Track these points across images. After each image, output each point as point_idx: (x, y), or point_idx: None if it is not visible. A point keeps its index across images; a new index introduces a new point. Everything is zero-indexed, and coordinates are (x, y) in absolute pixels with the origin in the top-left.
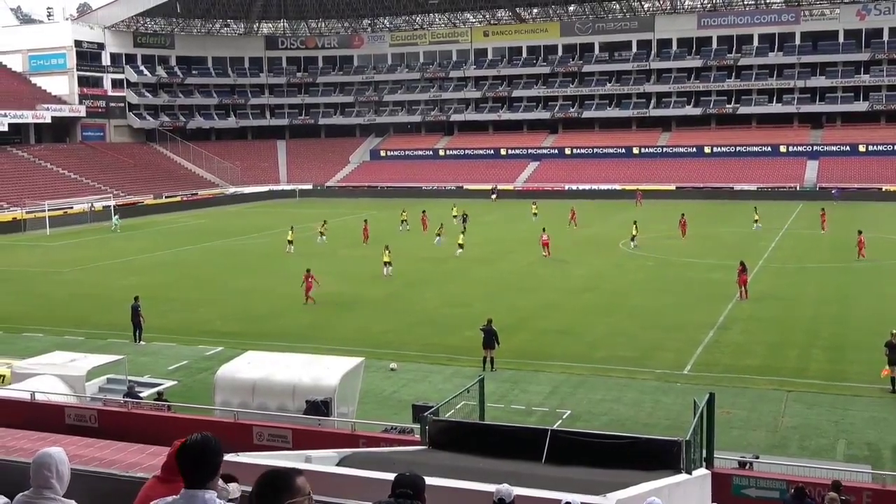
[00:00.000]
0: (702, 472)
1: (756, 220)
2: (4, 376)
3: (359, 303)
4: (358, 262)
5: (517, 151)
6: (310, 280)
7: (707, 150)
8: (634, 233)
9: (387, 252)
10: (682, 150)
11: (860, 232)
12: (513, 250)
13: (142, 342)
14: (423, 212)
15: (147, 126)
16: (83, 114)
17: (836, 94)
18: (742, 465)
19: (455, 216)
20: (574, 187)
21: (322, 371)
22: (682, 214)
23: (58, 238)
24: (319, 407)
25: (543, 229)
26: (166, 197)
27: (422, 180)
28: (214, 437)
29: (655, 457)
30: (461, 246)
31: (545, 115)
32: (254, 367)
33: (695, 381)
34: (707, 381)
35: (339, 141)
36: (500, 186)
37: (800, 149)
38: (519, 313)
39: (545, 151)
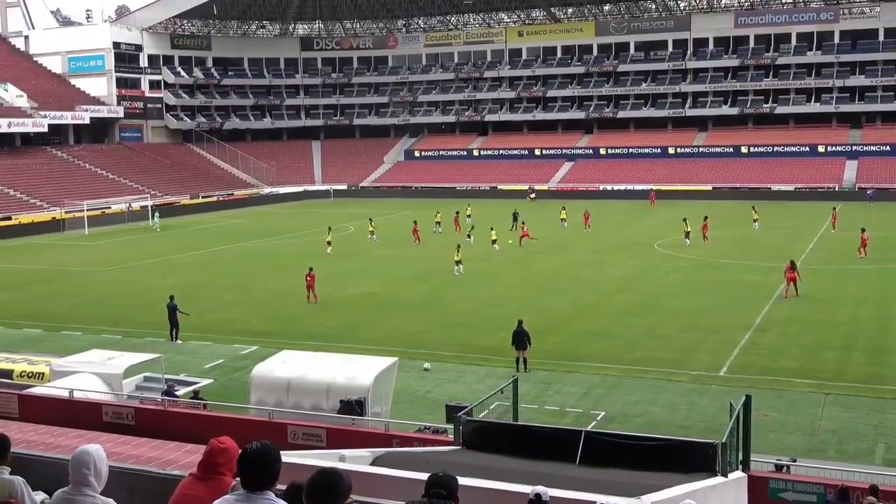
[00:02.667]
0: (738, 475)
1: (755, 220)
2: (44, 374)
3: (395, 303)
4: (396, 262)
5: (552, 151)
6: (309, 279)
7: (744, 150)
8: (687, 229)
9: (458, 251)
10: (718, 150)
11: (863, 230)
12: (548, 251)
13: (178, 341)
14: (457, 213)
15: (184, 127)
16: (121, 115)
17: (876, 94)
18: (779, 468)
19: (469, 215)
20: (609, 187)
21: (356, 370)
22: (706, 217)
23: (96, 238)
24: (353, 406)
25: (523, 223)
26: (203, 197)
27: (456, 181)
28: (273, 444)
29: (691, 459)
30: (493, 241)
31: (580, 114)
32: (288, 366)
33: (731, 384)
34: (743, 384)
35: (373, 141)
36: (535, 186)
37: (838, 149)
38: (554, 314)
39: (580, 151)
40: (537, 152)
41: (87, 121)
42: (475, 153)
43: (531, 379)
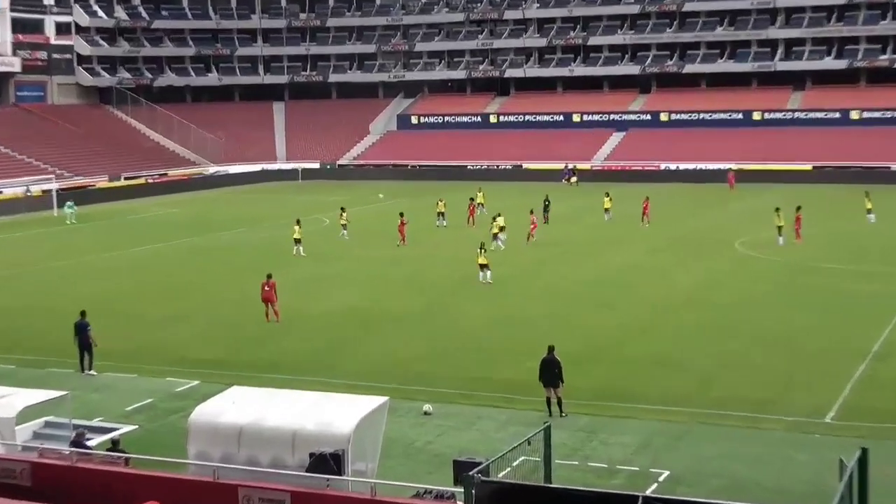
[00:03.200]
0: None
1: (869, 210)
2: None
3: (383, 320)
4: (384, 266)
5: (595, 118)
6: (268, 289)
7: (854, 115)
8: (780, 223)
9: (482, 253)
10: (819, 115)
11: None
12: (591, 251)
13: (92, 371)
14: (472, 200)
15: (101, 84)
16: (17, 68)
17: None
18: None
19: (481, 203)
20: (672, 166)
21: (332, 414)
22: (798, 208)
23: None
24: (328, 462)
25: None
26: (126, 179)
27: (466, 157)
28: None
29: None
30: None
31: (633, 69)
32: (241, 407)
33: (841, 432)
34: (858, 432)
35: (355, 104)
36: (570, 165)
37: None
38: (598, 337)
39: (633, 118)
40: (576, 118)
41: None
42: (492, 119)
43: (569, 426)
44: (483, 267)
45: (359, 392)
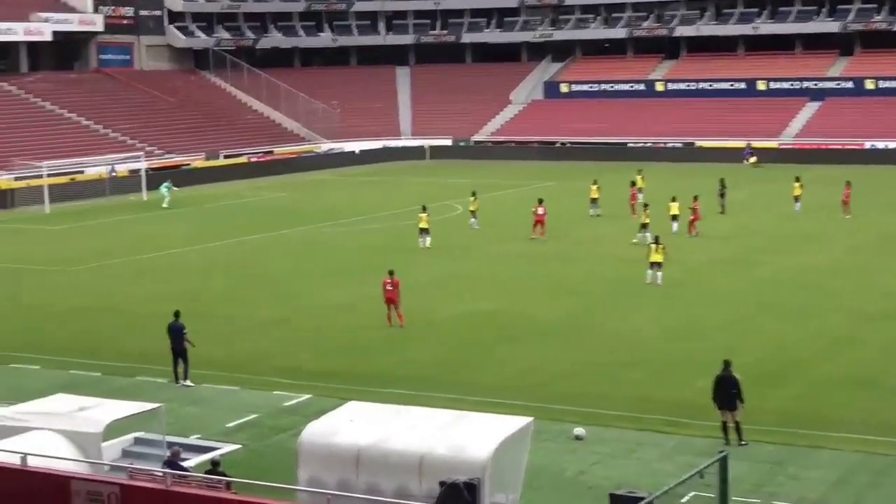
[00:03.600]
0: None
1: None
2: None
3: (525, 328)
4: (526, 263)
5: (784, 85)
6: (391, 287)
7: None
8: None
9: (657, 248)
10: None
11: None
12: (778, 247)
13: (188, 382)
14: (633, 183)
15: (196, 46)
16: (99, 27)
17: None
18: None
19: (640, 189)
20: (879, 145)
21: (466, 436)
22: None
23: (61, 218)
24: (461, 492)
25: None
26: (225, 157)
27: (626, 132)
28: None
29: None
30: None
31: (831, 25)
32: (359, 426)
33: None
34: None
35: (494, 69)
36: (753, 143)
37: None
38: (787, 351)
39: (832, 85)
40: (760, 86)
41: (49, 37)
42: (658, 87)
43: (750, 456)
44: (655, 265)
45: (497, 411)
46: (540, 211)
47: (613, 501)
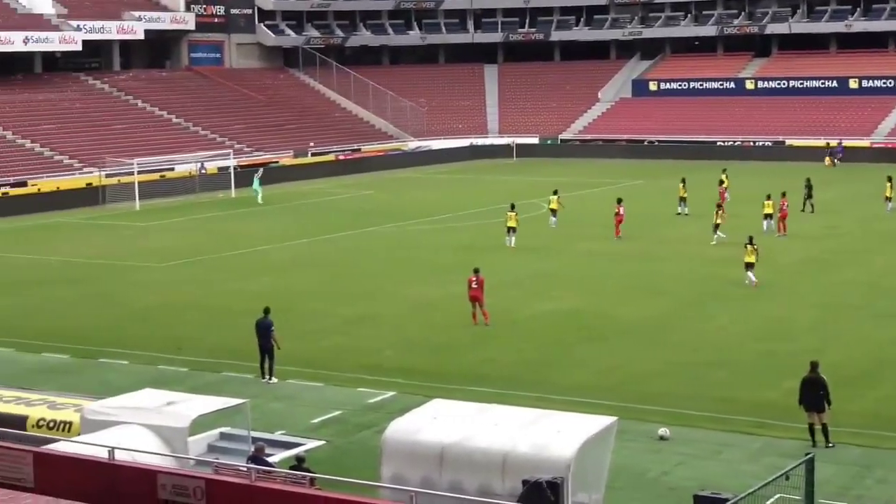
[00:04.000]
0: None
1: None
2: (71, 423)
3: (610, 328)
4: (613, 262)
5: (878, 83)
6: (476, 286)
7: None
8: None
9: (751, 249)
10: None
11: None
12: (869, 248)
13: (272, 379)
14: (721, 183)
15: (286, 44)
16: (191, 26)
17: None
18: None
19: (726, 188)
20: None
21: (549, 435)
22: None
23: (151, 215)
24: (544, 491)
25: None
26: (313, 154)
27: (716, 131)
28: None
29: None
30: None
31: None
32: (442, 424)
33: None
34: None
35: (582, 66)
36: (845, 142)
37: None
38: (878, 352)
39: None
40: (853, 84)
41: (141, 35)
42: (748, 85)
43: (837, 458)
44: (750, 266)
45: (580, 410)
46: (620, 211)
47: (697, 503)
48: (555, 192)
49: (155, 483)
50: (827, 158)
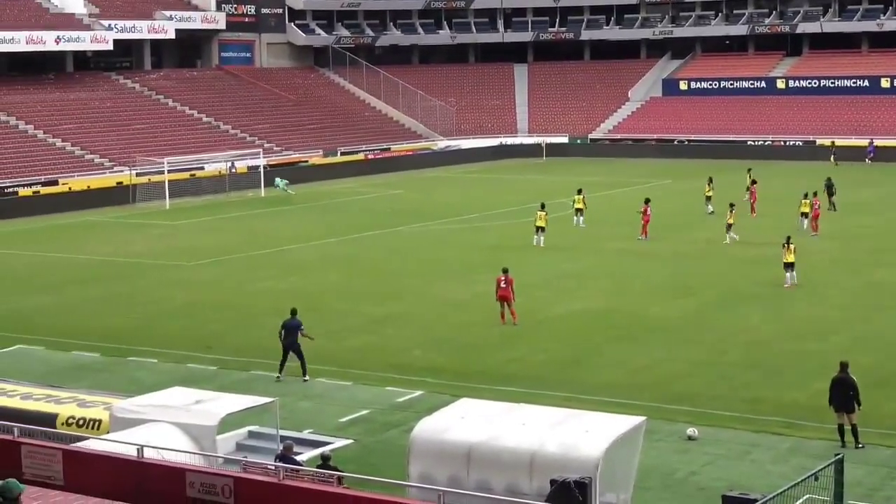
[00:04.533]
0: None
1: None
2: (101, 421)
3: (639, 328)
4: (642, 262)
5: None
6: (504, 285)
7: None
8: None
9: (789, 248)
10: None
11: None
12: None
13: (306, 377)
14: (754, 182)
15: (316, 43)
16: (221, 25)
17: None
18: None
19: (749, 188)
20: None
21: (577, 434)
22: None
23: (180, 214)
24: (572, 491)
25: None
26: (343, 154)
27: (746, 130)
28: None
29: None
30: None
31: None
32: (470, 423)
33: None
34: None
35: (612, 66)
36: (876, 141)
37: None
38: None
39: None
40: (884, 83)
41: (172, 35)
42: (779, 84)
43: (867, 459)
44: (790, 267)
45: (608, 410)
46: (647, 211)
47: (726, 503)
48: (579, 192)
49: (184, 481)
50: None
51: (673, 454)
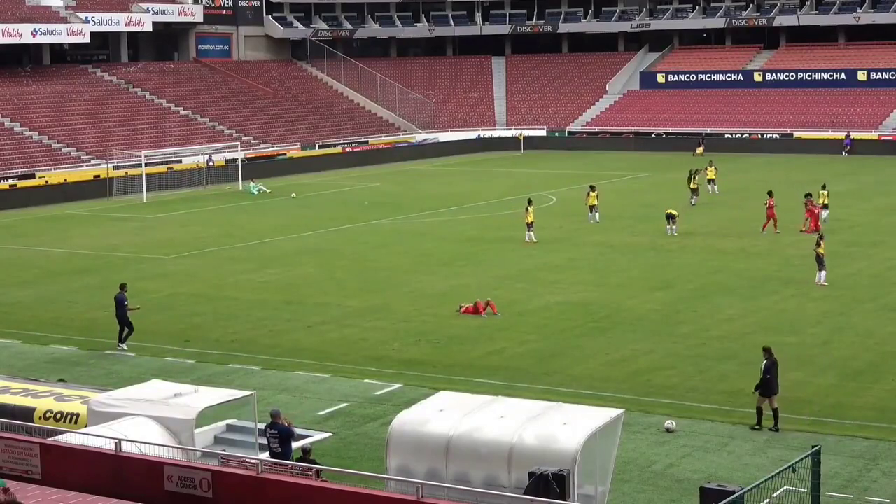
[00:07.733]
0: None
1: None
2: (78, 415)
3: (619, 320)
4: (623, 255)
5: (886, 76)
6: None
7: None
8: None
9: (820, 244)
10: None
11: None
12: (875, 241)
13: (124, 346)
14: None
15: (294, 36)
16: (199, 18)
17: None
18: None
19: (711, 180)
20: None
21: (555, 427)
22: None
23: (158, 207)
24: (550, 483)
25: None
26: (321, 147)
27: (724, 123)
28: None
29: None
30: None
31: None
32: (449, 416)
33: None
34: None
35: (590, 59)
36: (853, 134)
37: None
38: (882, 346)
39: None
40: (861, 76)
41: (149, 27)
42: (756, 77)
43: (843, 451)
44: (821, 264)
45: (587, 402)
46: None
47: (704, 495)
48: (592, 188)
49: (162, 475)
50: (699, 148)
51: (651, 446)
